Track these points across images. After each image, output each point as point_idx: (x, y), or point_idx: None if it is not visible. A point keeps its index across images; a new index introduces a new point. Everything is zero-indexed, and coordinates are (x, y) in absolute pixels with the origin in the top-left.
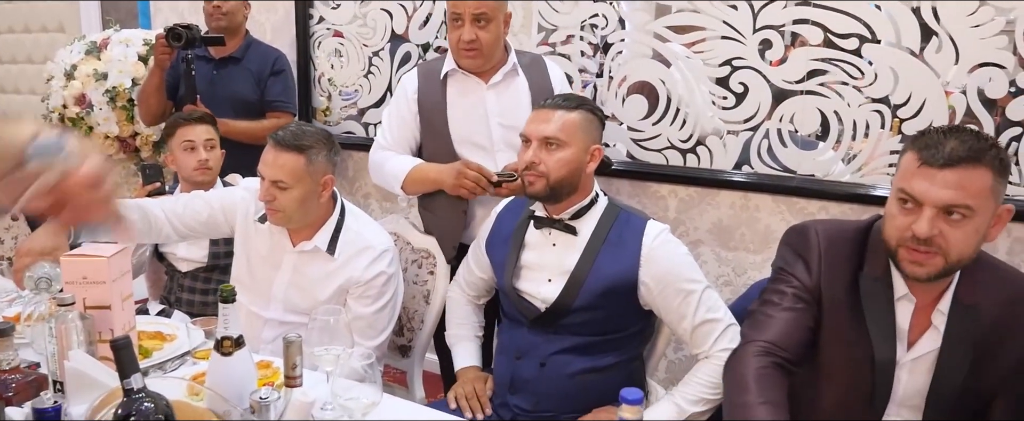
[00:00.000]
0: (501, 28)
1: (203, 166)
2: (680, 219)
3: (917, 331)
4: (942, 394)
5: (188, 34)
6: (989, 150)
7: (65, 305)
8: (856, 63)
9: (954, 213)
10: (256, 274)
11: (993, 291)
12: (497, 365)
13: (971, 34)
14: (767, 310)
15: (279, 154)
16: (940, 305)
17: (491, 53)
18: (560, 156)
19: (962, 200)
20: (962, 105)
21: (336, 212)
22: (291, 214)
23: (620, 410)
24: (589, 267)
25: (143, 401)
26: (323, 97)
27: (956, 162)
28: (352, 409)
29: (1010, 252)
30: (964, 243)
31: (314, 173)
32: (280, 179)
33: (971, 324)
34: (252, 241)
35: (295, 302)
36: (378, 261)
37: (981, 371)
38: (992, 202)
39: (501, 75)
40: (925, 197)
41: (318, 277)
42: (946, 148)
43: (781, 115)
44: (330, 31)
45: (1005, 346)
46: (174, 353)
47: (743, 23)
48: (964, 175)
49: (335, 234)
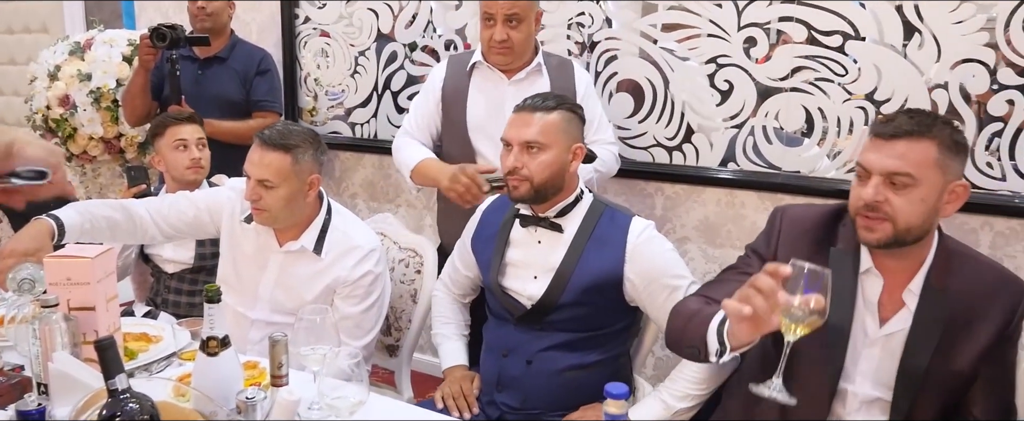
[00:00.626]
0: (532, 27)
1: (196, 165)
2: (667, 216)
3: (889, 309)
4: (911, 373)
5: (172, 34)
6: (936, 125)
7: (49, 307)
8: (840, 60)
9: (897, 181)
10: (242, 274)
11: (966, 277)
12: (484, 363)
13: (953, 31)
14: (721, 278)
15: (265, 153)
16: (911, 285)
17: (522, 52)
18: (542, 159)
19: (904, 168)
20: (944, 101)
21: (322, 212)
22: (277, 214)
23: (605, 404)
24: (574, 264)
25: (128, 402)
26: (309, 97)
27: (902, 134)
28: (339, 408)
29: (992, 246)
30: (909, 210)
31: (300, 172)
32: (266, 178)
33: (941, 306)
34: (238, 241)
35: (281, 302)
36: (365, 261)
37: (949, 353)
38: (937, 174)
39: (525, 73)
40: (872, 166)
41: (305, 277)
42: (895, 122)
43: (766, 112)
44: (316, 31)
45: (973, 331)
46: (160, 354)
47: (728, 21)
48: (908, 146)
49: (322, 234)
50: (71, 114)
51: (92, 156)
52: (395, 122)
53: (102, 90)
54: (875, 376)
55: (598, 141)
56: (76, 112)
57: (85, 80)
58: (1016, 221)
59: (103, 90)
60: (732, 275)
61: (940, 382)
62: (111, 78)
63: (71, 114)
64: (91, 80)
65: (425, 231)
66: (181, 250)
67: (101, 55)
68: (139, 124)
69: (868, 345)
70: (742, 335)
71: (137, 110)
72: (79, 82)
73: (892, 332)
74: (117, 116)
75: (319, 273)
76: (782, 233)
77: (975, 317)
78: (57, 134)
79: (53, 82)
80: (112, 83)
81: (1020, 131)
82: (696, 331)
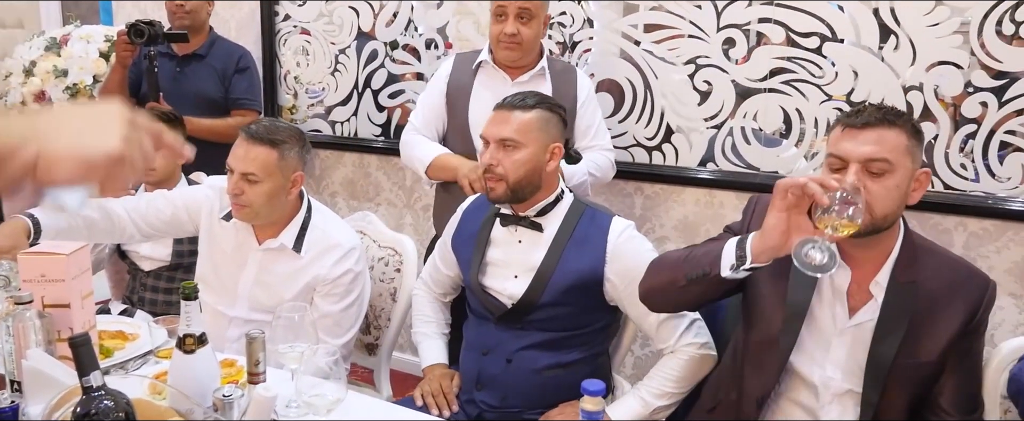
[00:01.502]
0: (541, 28)
1: None
2: (646, 216)
3: (858, 299)
4: (879, 364)
5: (150, 31)
6: (901, 116)
7: (22, 303)
8: (818, 61)
9: (875, 168)
10: (221, 272)
11: (931, 271)
12: (463, 361)
13: (928, 33)
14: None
15: (251, 147)
16: (878, 277)
17: (530, 48)
18: (517, 157)
19: (881, 154)
20: (919, 102)
21: (303, 210)
22: (258, 209)
23: (582, 401)
24: (555, 264)
25: (103, 399)
26: (289, 95)
27: (874, 123)
28: (317, 406)
29: (966, 246)
30: (886, 197)
31: (285, 168)
32: (251, 172)
33: (907, 299)
34: (216, 239)
35: (260, 300)
36: (345, 259)
37: (916, 345)
38: (908, 161)
39: (528, 76)
40: (849, 154)
41: (284, 275)
42: (865, 113)
43: (745, 113)
44: (296, 28)
45: (938, 324)
46: (136, 352)
47: (707, 22)
48: (881, 133)
49: (301, 232)
50: None
51: None
52: (375, 121)
53: (78, 86)
54: (846, 366)
55: (595, 147)
56: None
57: (61, 76)
58: (989, 221)
59: (80, 86)
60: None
61: (907, 374)
62: (88, 74)
63: None
64: (67, 76)
65: (405, 229)
66: (158, 247)
67: (78, 51)
68: None
69: (838, 334)
70: (773, 238)
71: None
72: (55, 78)
73: (861, 322)
74: None
75: (298, 271)
76: (754, 217)
77: (940, 310)
78: None
79: (28, 78)
80: (89, 79)
81: (993, 133)
82: (703, 256)
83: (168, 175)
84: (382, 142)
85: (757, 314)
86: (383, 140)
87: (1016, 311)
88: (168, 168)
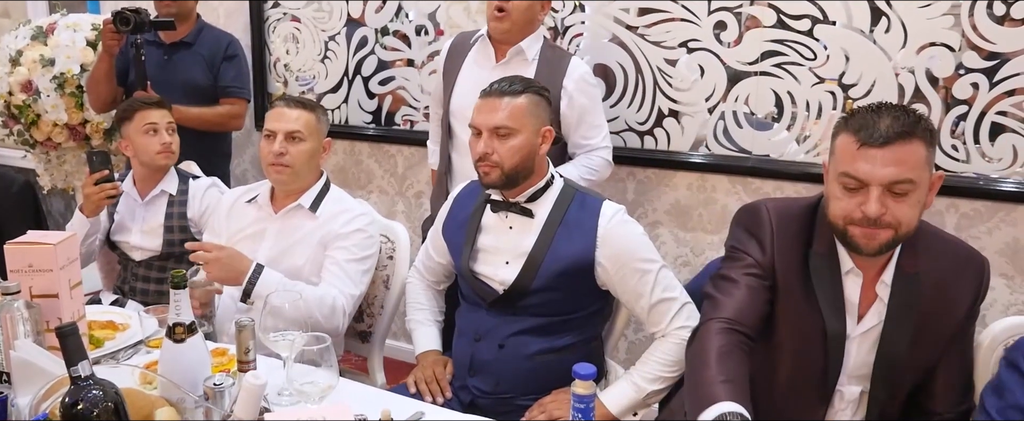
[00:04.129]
0: (535, 4)
1: (167, 149)
2: (639, 200)
3: (865, 304)
4: (888, 365)
5: (136, 19)
6: (919, 123)
7: (10, 294)
8: (809, 44)
9: (898, 189)
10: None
11: (934, 257)
12: (456, 347)
13: (919, 15)
14: (725, 287)
15: (293, 109)
16: (884, 276)
17: (520, 22)
18: (512, 144)
19: (904, 175)
20: (910, 84)
21: (322, 179)
22: (299, 169)
23: (573, 385)
24: (546, 249)
25: (91, 388)
26: (279, 82)
27: (894, 139)
28: (309, 394)
29: (957, 227)
30: (910, 215)
31: (321, 131)
32: (297, 130)
33: (913, 293)
34: (235, 225)
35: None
36: (357, 219)
37: (923, 340)
38: (928, 172)
39: (509, 56)
40: (870, 177)
41: (300, 238)
42: (882, 127)
43: (736, 96)
44: (286, 15)
45: (946, 310)
46: (127, 342)
47: (698, 5)
48: (902, 151)
49: (319, 197)
50: (34, 100)
51: (57, 143)
52: (366, 108)
53: (66, 76)
54: (854, 371)
55: (588, 146)
56: (39, 98)
57: (48, 65)
58: (980, 202)
59: (67, 76)
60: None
61: (915, 366)
62: (75, 63)
63: (34, 100)
64: (54, 65)
65: (397, 217)
66: (149, 237)
67: (64, 40)
68: (104, 110)
69: (848, 344)
70: None
71: (102, 96)
72: (42, 68)
73: (868, 328)
74: (82, 102)
75: (312, 231)
76: (776, 235)
77: (946, 298)
78: (20, 121)
79: (15, 68)
80: (76, 68)
81: (984, 114)
82: (694, 403)
83: (156, 169)
84: (373, 129)
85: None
86: (374, 127)
87: (1008, 291)
88: None
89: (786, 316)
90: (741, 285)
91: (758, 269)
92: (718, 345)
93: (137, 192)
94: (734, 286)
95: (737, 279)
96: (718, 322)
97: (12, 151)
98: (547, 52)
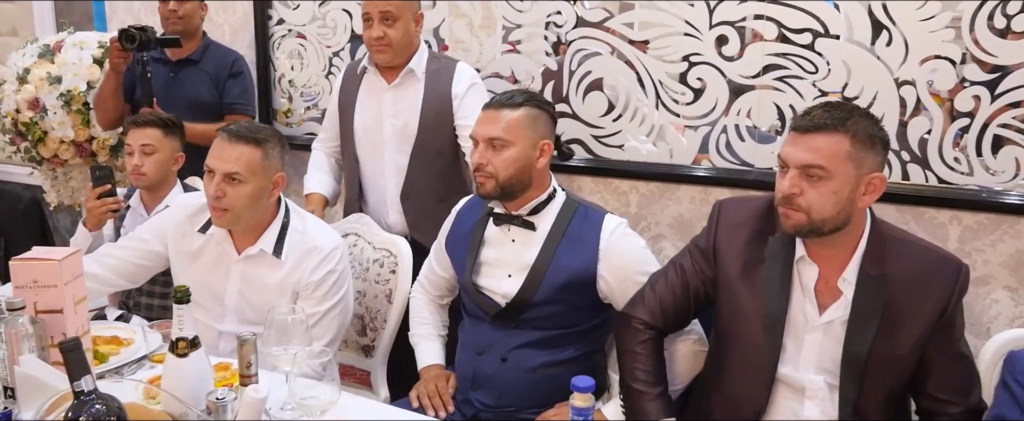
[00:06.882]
0: (411, 26)
1: (136, 171)
2: (641, 214)
3: (827, 296)
4: (854, 359)
5: (142, 36)
6: (851, 119)
7: (15, 310)
8: (811, 58)
9: (811, 173)
10: (206, 287)
11: (902, 261)
12: (459, 361)
13: (920, 28)
14: (665, 270)
15: (234, 146)
16: (845, 273)
17: (401, 49)
18: (506, 155)
19: (816, 161)
20: (912, 97)
21: (281, 214)
22: (240, 212)
23: (572, 398)
24: (548, 262)
25: (94, 403)
26: (284, 98)
27: (815, 129)
28: (311, 408)
29: (961, 240)
30: (822, 202)
31: (268, 169)
32: (235, 171)
33: (878, 293)
34: (194, 255)
35: (247, 314)
36: (326, 261)
37: (891, 338)
38: (850, 167)
39: (400, 77)
40: (789, 159)
41: (268, 286)
42: (811, 116)
43: (739, 109)
44: (290, 32)
45: (912, 315)
46: (131, 357)
47: (700, 19)
48: (821, 140)
49: (281, 236)
50: (41, 117)
51: (63, 160)
52: None
53: (73, 93)
54: (818, 362)
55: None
56: (46, 115)
57: (55, 83)
58: (984, 215)
59: (74, 93)
60: (671, 270)
61: (884, 367)
62: (82, 81)
63: (41, 117)
64: (61, 83)
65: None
66: None
67: (71, 57)
68: (112, 127)
69: (809, 331)
70: None
71: (109, 113)
72: (49, 85)
73: (831, 319)
74: (88, 119)
75: (281, 280)
76: (720, 225)
77: (913, 301)
78: (27, 138)
79: (22, 85)
80: (83, 86)
81: (986, 126)
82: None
83: (161, 180)
84: None
85: (735, 324)
86: None
87: (1012, 304)
88: (159, 173)
89: (728, 299)
90: (669, 281)
91: (698, 255)
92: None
93: (144, 207)
94: (661, 278)
95: (667, 272)
96: (636, 321)
97: (19, 168)
98: (433, 64)
